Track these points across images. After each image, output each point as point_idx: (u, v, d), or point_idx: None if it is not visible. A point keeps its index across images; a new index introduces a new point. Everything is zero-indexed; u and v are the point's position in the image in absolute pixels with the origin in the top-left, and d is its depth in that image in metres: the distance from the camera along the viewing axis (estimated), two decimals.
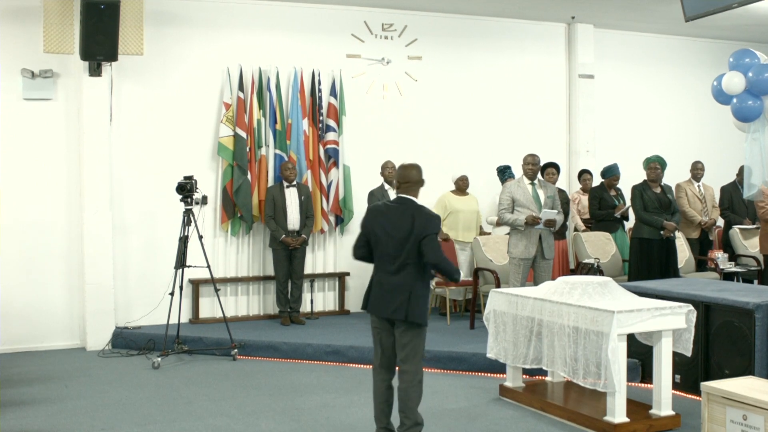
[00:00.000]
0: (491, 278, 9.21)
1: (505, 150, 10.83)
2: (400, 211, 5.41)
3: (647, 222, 9.07)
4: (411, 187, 5.50)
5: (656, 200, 9.11)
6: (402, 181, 5.52)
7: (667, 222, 9.02)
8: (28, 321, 9.02)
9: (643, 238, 9.11)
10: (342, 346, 8.41)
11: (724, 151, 12.01)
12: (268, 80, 9.95)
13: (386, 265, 5.40)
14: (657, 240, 9.04)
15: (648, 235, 9.07)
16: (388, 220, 5.41)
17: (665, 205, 9.15)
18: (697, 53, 12.61)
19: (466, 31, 11.13)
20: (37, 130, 9.11)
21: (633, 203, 9.33)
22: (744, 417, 5.12)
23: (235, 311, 9.97)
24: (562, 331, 6.06)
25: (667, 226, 9.01)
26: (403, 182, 5.51)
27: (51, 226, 9.18)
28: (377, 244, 5.42)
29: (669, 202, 9.20)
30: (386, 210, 5.48)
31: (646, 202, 9.13)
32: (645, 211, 9.12)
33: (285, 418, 6.35)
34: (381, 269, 5.44)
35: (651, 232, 9.06)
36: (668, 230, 9.02)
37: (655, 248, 9.06)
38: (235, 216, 9.80)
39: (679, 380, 6.85)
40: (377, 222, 5.44)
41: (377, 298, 5.44)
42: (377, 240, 5.42)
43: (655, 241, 9.05)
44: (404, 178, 5.52)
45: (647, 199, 9.13)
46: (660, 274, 8.88)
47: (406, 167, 5.58)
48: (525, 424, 6.23)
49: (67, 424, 6.24)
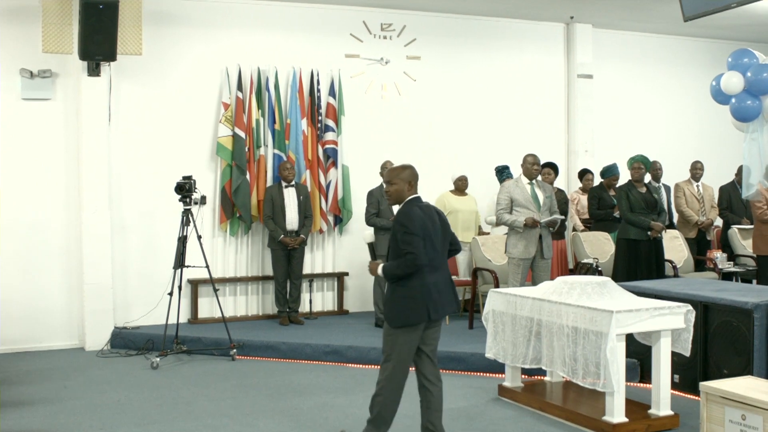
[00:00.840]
0: (490, 278, 9.22)
1: (503, 150, 10.83)
2: (432, 211, 5.46)
3: (634, 223, 9.05)
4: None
5: (642, 200, 9.10)
6: (416, 182, 5.47)
7: (654, 222, 9.01)
8: (27, 321, 9.02)
9: (630, 239, 9.08)
10: (341, 346, 8.41)
11: (723, 151, 12.01)
12: (267, 80, 9.95)
13: (439, 262, 5.38)
14: (644, 241, 9.02)
15: (635, 236, 9.04)
16: (432, 221, 5.36)
17: (651, 204, 9.13)
18: (695, 53, 12.61)
19: (464, 31, 11.13)
20: (36, 130, 9.11)
21: (619, 204, 9.30)
22: (743, 417, 5.12)
23: (233, 311, 9.97)
24: (561, 331, 6.06)
25: (654, 227, 8.99)
26: (415, 182, 5.46)
27: (50, 226, 9.18)
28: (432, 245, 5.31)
29: (655, 201, 9.18)
30: (426, 211, 5.39)
31: (632, 202, 9.11)
32: (631, 212, 9.10)
33: (284, 418, 6.35)
34: (435, 268, 5.34)
35: (638, 233, 9.03)
36: (655, 231, 9.01)
37: (643, 249, 9.04)
38: (234, 216, 9.80)
39: (677, 380, 6.86)
40: (428, 224, 5.31)
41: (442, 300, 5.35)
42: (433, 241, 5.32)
43: (642, 242, 9.02)
44: (416, 178, 5.48)
45: (633, 200, 9.11)
46: (647, 275, 8.85)
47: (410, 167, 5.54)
48: (524, 423, 6.23)
49: (66, 424, 6.23)
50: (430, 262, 5.25)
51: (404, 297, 5.24)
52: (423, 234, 5.20)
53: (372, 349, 8.20)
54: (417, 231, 5.18)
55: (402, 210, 5.35)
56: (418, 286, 5.22)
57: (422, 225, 5.23)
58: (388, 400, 5.33)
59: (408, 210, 5.30)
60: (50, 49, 9.08)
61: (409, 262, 5.16)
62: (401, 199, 5.42)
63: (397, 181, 5.40)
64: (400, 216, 5.31)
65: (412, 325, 5.25)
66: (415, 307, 5.23)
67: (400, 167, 5.49)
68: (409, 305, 5.23)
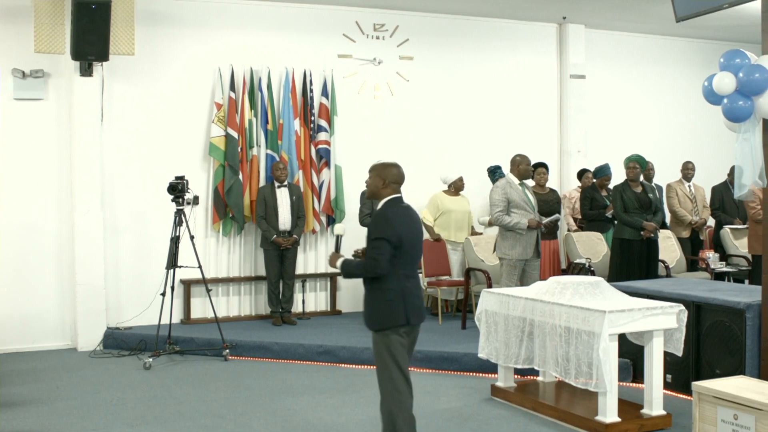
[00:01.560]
0: (483, 278, 9.22)
1: (496, 150, 10.81)
2: (415, 215, 5.26)
3: (627, 223, 9.07)
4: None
5: (636, 200, 9.12)
6: (395, 182, 5.19)
7: (647, 222, 9.03)
8: (19, 321, 9.00)
9: (624, 238, 9.11)
10: (334, 347, 8.40)
11: (715, 151, 12.04)
12: (260, 80, 9.95)
13: (413, 270, 5.18)
14: (638, 241, 9.04)
15: (629, 236, 9.07)
16: (415, 226, 5.18)
17: (645, 204, 9.15)
18: (687, 53, 12.64)
19: (457, 31, 11.13)
20: (28, 130, 9.09)
21: (613, 204, 9.34)
22: (735, 416, 5.13)
23: (226, 311, 9.95)
24: (553, 331, 6.07)
25: (647, 227, 9.00)
26: (394, 183, 5.18)
27: (42, 227, 9.15)
28: (407, 251, 5.05)
29: (650, 201, 9.20)
30: (407, 214, 5.17)
31: (626, 202, 9.13)
32: (625, 212, 9.12)
33: (276, 419, 6.34)
34: (410, 276, 5.15)
35: (632, 233, 9.06)
36: (648, 231, 9.02)
37: (636, 249, 9.06)
38: (227, 216, 9.79)
39: (670, 380, 6.87)
40: (406, 228, 5.06)
41: (418, 306, 5.17)
42: (408, 246, 5.06)
43: (636, 242, 9.05)
44: (398, 178, 5.21)
45: (627, 200, 9.13)
46: (640, 275, 8.88)
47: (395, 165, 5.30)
48: (516, 424, 6.23)
49: (58, 425, 6.22)
50: (404, 270, 5.05)
51: (382, 300, 5.03)
52: (397, 242, 4.94)
53: (365, 349, 8.20)
54: (391, 237, 4.92)
55: (381, 211, 5.10)
56: (395, 289, 5.02)
57: (398, 233, 4.95)
58: (402, 411, 5.03)
59: (388, 213, 5.07)
60: (42, 49, 9.06)
61: (369, 268, 4.98)
62: (376, 196, 5.20)
63: (373, 175, 5.20)
64: (378, 218, 5.07)
65: (393, 327, 5.03)
66: (395, 310, 5.01)
67: (385, 163, 5.28)
68: (388, 308, 5.02)
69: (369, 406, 6.59)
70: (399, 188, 5.19)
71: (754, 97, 5.77)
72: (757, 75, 5.70)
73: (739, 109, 5.82)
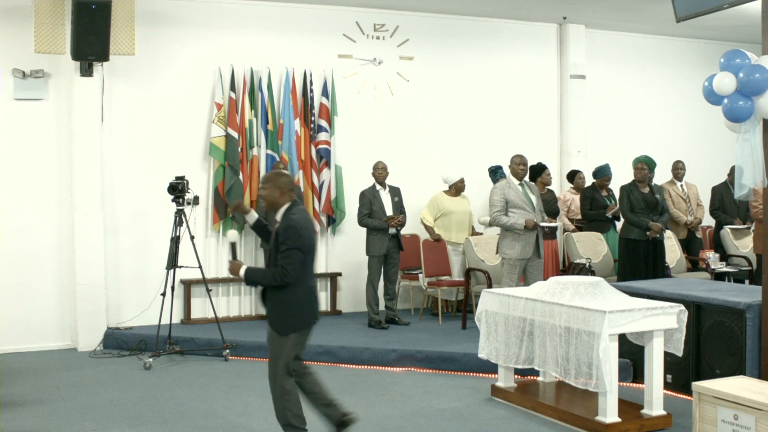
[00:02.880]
0: (483, 278, 9.22)
1: (496, 150, 10.81)
2: (309, 217, 5.49)
3: (633, 223, 9.11)
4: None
5: (643, 200, 9.14)
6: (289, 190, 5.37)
7: (653, 223, 9.04)
8: (20, 322, 8.99)
9: (630, 238, 9.14)
10: (334, 347, 8.40)
11: (715, 151, 12.05)
12: (260, 80, 9.95)
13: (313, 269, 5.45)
14: (644, 241, 9.07)
15: (635, 236, 9.10)
16: (312, 226, 5.44)
17: (652, 205, 9.17)
18: (688, 54, 12.64)
19: (457, 31, 11.13)
20: (28, 131, 9.08)
21: (620, 204, 9.39)
22: (735, 417, 5.13)
23: (226, 312, 9.95)
24: (553, 331, 6.07)
25: (653, 227, 9.02)
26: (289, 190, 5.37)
27: (42, 227, 9.15)
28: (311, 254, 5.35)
29: (656, 202, 9.22)
30: (307, 218, 5.41)
31: (633, 202, 9.17)
32: (631, 212, 9.15)
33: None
34: (311, 275, 5.42)
35: (638, 233, 9.10)
36: (654, 231, 9.04)
37: (642, 249, 9.09)
38: (227, 216, 9.79)
39: (670, 380, 6.88)
40: (310, 233, 5.32)
41: (318, 302, 5.52)
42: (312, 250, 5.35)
43: (642, 242, 9.08)
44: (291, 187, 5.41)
45: (634, 200, 9.17)
46: (647, 275, 8.90)
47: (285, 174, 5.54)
48: (516, 424, 6.23)
49: (59, 425, 6.22)
50: (309, 271, 5.33)
51: (294, 303, 5.27)
52: (307, 249, 5.22)
53: (365, 349, 8.21)
54: (303, 247, 5.18)
55: (289, 221, 5.22)
56: (305, 292, 5.31)
57: (309, 242, 5.23)
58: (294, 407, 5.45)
59: (297, 222, 5.21)
60: (42, 49, 9.06)
61: (278, 276, 5.15)
62: (274, 205, 5.36)
63: (268, 186, 5.35)
64: (289, 229, 5.18)
65: (302, 329, 5.34)
66: (305, 312, 5.33)
67: (277, 172, 5.48)
68: (299, 310, 5.29)
69: (369, 406, 6.60)
70: (293, 194, 5.40)
71: (755, 97, 5.77)
72: (757, 75, 5.70)
73: (740, 109, 5.82)
